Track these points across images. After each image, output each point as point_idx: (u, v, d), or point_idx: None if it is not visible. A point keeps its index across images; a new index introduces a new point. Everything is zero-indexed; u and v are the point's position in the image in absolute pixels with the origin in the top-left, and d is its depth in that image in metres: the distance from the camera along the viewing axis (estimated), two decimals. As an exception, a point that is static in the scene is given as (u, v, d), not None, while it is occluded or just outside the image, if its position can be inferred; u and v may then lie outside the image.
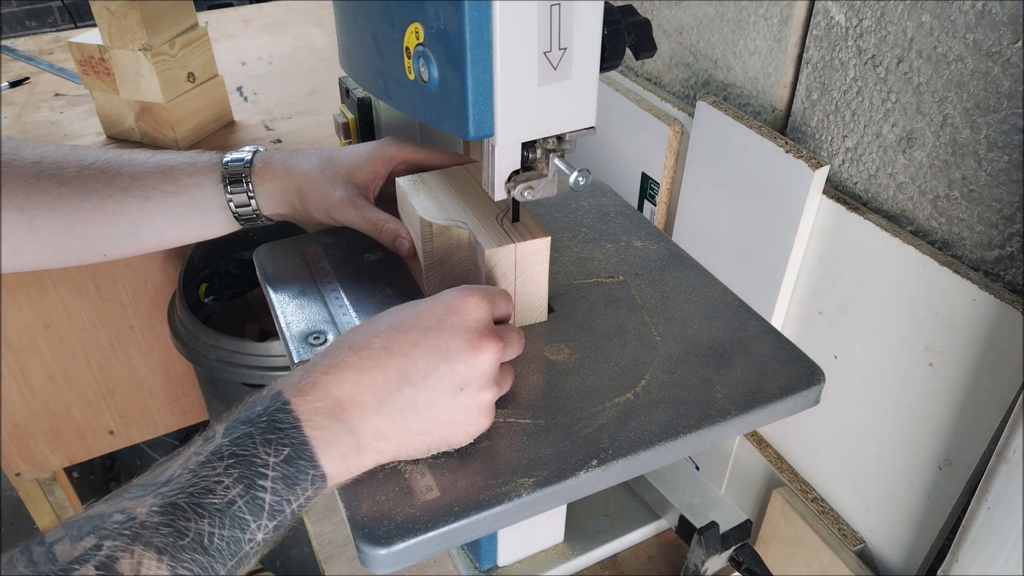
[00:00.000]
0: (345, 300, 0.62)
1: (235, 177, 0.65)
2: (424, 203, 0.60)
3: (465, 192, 0.61)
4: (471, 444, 0.50)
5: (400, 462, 0.48)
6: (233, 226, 0.68)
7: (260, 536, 0.42)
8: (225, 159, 0.66)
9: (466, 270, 0.61)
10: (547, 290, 0.60)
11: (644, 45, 0.52)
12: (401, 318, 0.48)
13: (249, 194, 0.66)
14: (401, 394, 0.46)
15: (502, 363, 0.50)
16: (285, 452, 0.43)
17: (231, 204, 0.66)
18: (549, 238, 0.56)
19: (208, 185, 0.65)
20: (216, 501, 0.41)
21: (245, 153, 0.67)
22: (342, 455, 0.45)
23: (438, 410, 0.47)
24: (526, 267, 0.57)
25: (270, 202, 0.67)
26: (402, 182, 0.63)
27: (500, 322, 0.52)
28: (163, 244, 0.67)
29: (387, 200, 0.68)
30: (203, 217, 0.66)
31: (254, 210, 0.66)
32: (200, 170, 0.66)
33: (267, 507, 0.42)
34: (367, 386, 0.45)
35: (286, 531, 0.44)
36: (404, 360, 0.46)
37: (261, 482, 0.42)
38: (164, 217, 0.65)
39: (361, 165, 0.66)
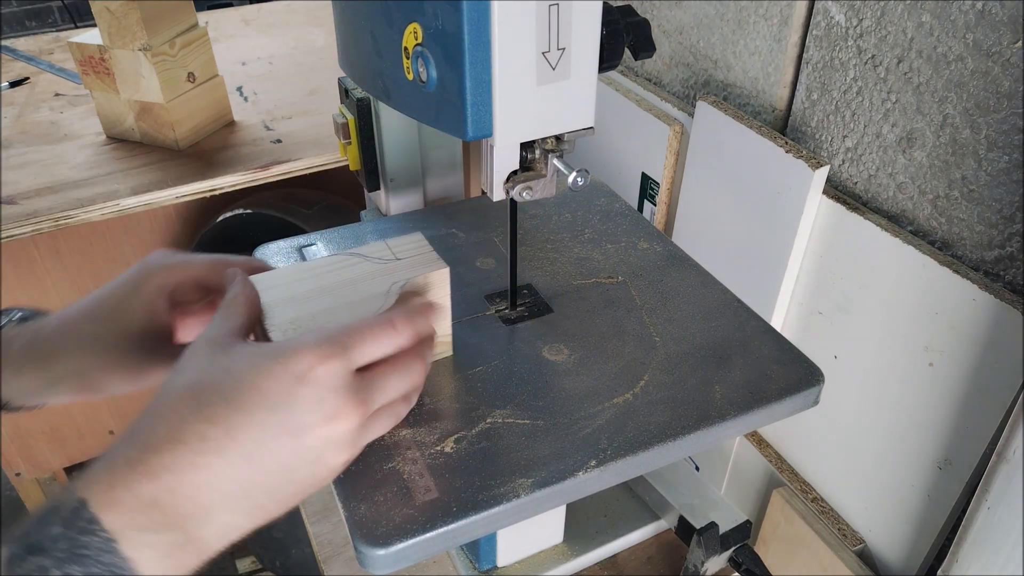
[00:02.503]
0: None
1: None
2: (283, 315, 0.49)
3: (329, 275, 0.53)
4: (470, 445, 0.50)
5: (398, 462, 0.48)
6: None
7: None
8: None
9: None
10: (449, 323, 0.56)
11: (643, 45, 0.52)
12: (238, 392, 0.40)
13: None
14: (254, 484, 0.40)
15: (405, 371, 0.45)
16: None
17: None
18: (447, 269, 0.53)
19: None
20: None
21: None
22: (178, 565, 0.38)
23: (295, 487, 0.41)
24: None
25: (26, 395, 0.52)
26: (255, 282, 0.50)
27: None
28: None
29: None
30: None
31: None
32: None
33: None
34: (211, 485, 0.38)
35: None
36: (252, 445, 0.39)
37: None
38: None
39: (118, 305, 0.51)
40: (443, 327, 0.55)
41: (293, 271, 0.53)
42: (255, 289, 0.48)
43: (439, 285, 0.53)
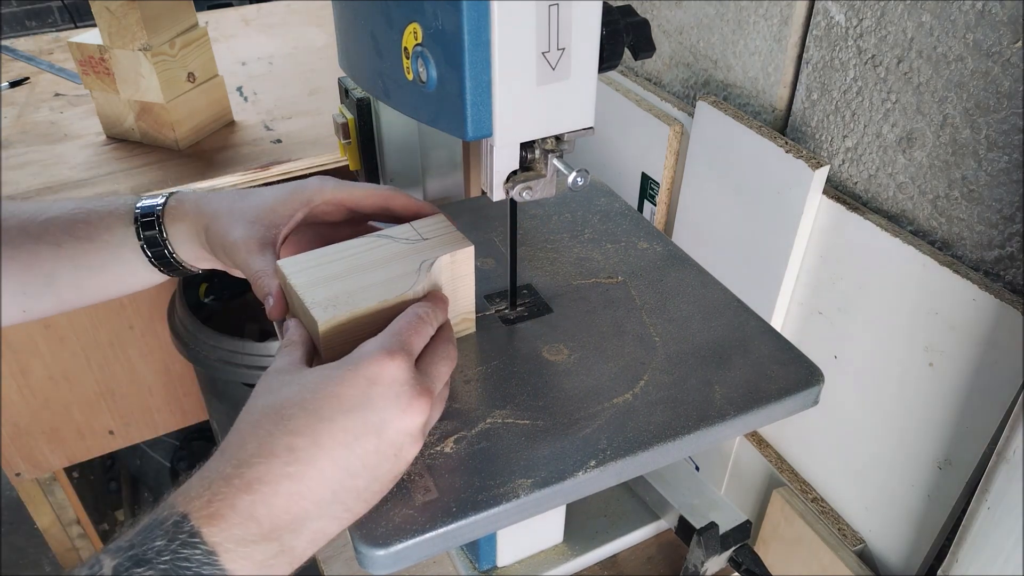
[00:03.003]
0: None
1: (147, 219, 0.59)
2: (319, 294, 0.50)
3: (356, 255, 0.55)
4: (469, 445, 0.50)
5: None
6: (158, 276, 0.62)
7: None
8: (140, 201, 0.60)
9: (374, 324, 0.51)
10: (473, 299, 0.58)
11: (643, 45, 0.52)
12: (317, 403, 0.42)
13: (162, 237, 0.59)
14: (343, 488, 0.42)
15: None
16: None
17: (145, 250, 0.59)
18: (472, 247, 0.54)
19: (119, 228, 0.59)
20: None
21: (161, 196, 0.61)
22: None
23: (378, 485, 0.44)
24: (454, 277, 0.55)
25: (184, 246, 0.60)
26: (283, 267, 0.53)
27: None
28: (84, 299, 0.61)
29: (306, 243, 0.61)
30: (120, 266, 0.60)
31: (171, 254, 0.60)
32: (112, 213, 0.60)
33: None
34: (303, 494, 0.40)
35: None
36: (339, 450, 0.41)
37: None
38: (77, 267, 0.59)
39: (274, 206, 0.58)
40: (467, 304, 0.57)
41: (323, 254, 0.54)
42: (306, 330, 0.50)
43: (464, 262, 0.54)
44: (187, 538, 0.37)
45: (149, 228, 0.59)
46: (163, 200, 0.60)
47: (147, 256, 0.59)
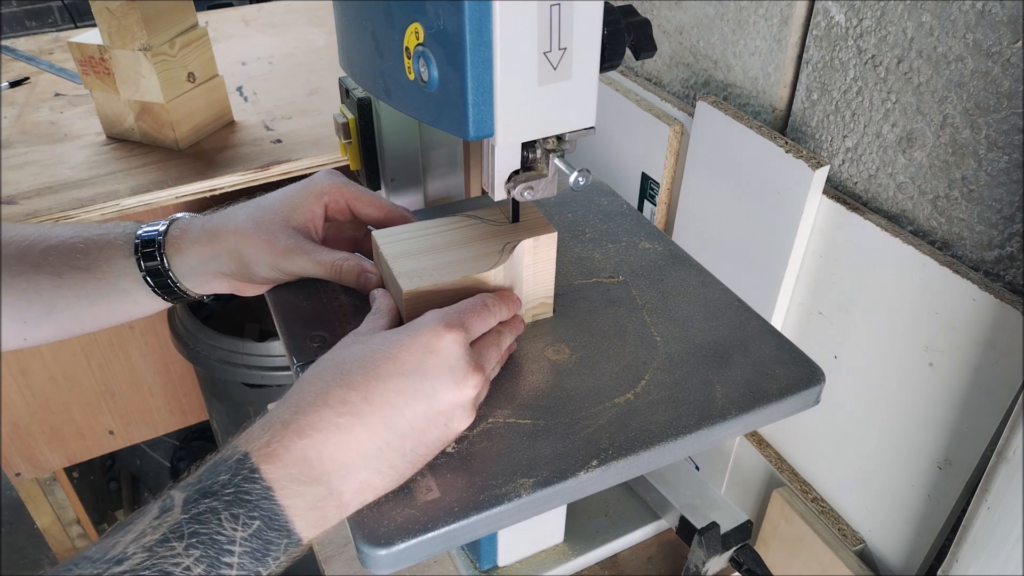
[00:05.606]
0: (344, 299, 0.62)
1: (148, 249, 0.58)
2: (407, 265, 0.54)
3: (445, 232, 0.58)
4: (471, 445, 0.50)
5: None
6: (160, 304, 0.61)
7: None
8: (139, 230, 0.59)
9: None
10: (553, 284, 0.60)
11: (644, 45, 0.52)
12: (375, 362, 0.45)
13: (164, 266, 0.58)
14: (388, 445, 0.44)
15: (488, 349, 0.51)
16: (254, 525, 0.40)
17: (147, 280, 0.58)
18: (555, 233, 0.57)
19: (119, 259, 0.58)
20: None
21: (161, 224, 0.60)
22: (321, 517, 0.43)
23: (425, 448, 0.46)
24: (535, 261, 0.58)
25: (192, 274, 0.59)
26: (377, 237, 0.57)
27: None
28: (85, 327, 0.60)
29: (330, 240, 0.63)
30: (120, 296, 0.59)
31: (175, 283, 0.59)
32: (111, 243, 0.59)
33: None
34: (350, 445, 0.43)
35: None
36: (388, 409, 0.44)
37: (226, 559, 0.39)
38: (77, 296, 0.58)
39: (296, 207, 0.59)
40: (546, 289, 0.59)
41: (414, 228, 0.58)
42: (393, 302, 0.54)
43: (547, 247, 0.57)
44: (248, 473, 0.41)
45: (151, 259, 0.58)
46: (163, 229, 0.59)
47: (150, 286, 0.59)
